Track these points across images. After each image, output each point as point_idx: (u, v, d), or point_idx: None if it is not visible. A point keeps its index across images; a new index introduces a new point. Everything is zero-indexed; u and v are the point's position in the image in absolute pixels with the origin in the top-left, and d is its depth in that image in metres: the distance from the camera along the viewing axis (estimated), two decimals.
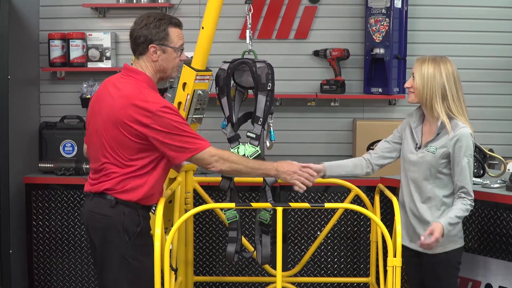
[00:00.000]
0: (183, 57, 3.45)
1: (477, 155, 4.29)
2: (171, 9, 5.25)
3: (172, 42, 3.37)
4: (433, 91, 3.62)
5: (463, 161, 3.60)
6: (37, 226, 4.97)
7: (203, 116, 4.30)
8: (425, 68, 3.64)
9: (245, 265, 4.98)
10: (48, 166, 4.99)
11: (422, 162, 3.68)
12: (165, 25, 3.35)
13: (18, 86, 4.90)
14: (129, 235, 3.29)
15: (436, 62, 3.65)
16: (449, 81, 3.62)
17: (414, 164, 3.73)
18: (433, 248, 3.57)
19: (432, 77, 3.62)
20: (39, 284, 5.01)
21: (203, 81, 4.23)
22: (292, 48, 5.27)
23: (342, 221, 4.91)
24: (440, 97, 3.61)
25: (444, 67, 3.63)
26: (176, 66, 3.43)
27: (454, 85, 3.64)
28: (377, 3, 5.02)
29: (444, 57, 3.70)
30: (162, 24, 3.35)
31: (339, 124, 5.30)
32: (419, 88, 3.65)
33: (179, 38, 3.40)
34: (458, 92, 3.65)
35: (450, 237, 3.65)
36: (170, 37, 3.36)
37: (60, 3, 5.30)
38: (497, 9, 5.18)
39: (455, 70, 3.66)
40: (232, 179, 3.95)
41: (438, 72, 3.62)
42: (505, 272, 3.96)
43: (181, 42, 3.41)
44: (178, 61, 3.43)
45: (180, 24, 3.43)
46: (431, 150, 3.66)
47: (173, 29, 3.37)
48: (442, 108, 3.63)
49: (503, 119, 5.24)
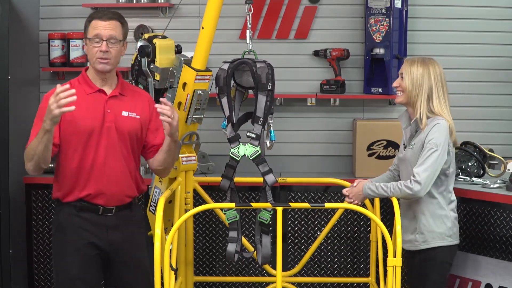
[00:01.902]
0: (103, 48, 3.51)
1: (477, 155, 4.30)
2: (171, 9, 5.24)
3: (88, 34, 3.54)
4: (420, 91, 3.73)
5: (426, 150, 3.64)
6: (37, 226, 4.97)
7: (203, 116, 4.30)
8: (415, 69, 3.74)
9: (245, 265, 4.98)
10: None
11: (405, 159, 3.78)
12: (87, 19, 3.58)
13: (18, 86, 4.90)
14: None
15: (425, 63, 3.75)
16: (437, 82, 3.74)
17: (401, 163, 3.84)
18: (353, 202, 3.83)
19: (421, 78, 3.73)
20: (39, 284, 5.01)
21: (203, 81, 4.23)
22: (292, 48, 5.27)
23: (342, 221, 4.91)
24: (426, 97, 3.72)
25: (432, 69, 3.74)
26: (94, 56, 3.53)
27: (441, 86, 3.75)
28: (377, 3, 5.02)
29: (432, 59, 3.80)
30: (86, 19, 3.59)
31: (339, 124, 5.30)
32: (407, 88, 3.73)
33: (94, 29, 3.53)
34: (444, 92, 3.75)
35: (434, 233, 3.69)
36: (88, 30, 3.55)
37: (60, 3, 5.30)
38: (497, 9, 5.17)
39: (442, 71, 3.77)
40: (233, 179, 3.95)
41: (427, 73, 3.73)
42: (505, 272, 3.96)
43: (96, 32, 3.52)
44: (95, 51, 3.52)
45: (101, 16, 3.56)
46: (410, 146, 3.73)
47: (92, 22, 3.55)
48: (424, 107, 3.71)
49: (503, 119, 5.23)
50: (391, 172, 4.02)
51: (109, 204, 3.56)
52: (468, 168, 4.28)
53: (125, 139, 3.56)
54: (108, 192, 3.54)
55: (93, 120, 3.50)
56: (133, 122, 3.59)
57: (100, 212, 3.55)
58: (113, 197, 3.56)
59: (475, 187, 4.16)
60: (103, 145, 3.52)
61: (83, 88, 3.57)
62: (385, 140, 4.95)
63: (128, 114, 3.59)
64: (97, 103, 3.55)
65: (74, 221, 3.54)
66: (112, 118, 3.55)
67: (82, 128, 3.47)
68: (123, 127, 3.56)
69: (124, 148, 3.56)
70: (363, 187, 3.80)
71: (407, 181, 3.65)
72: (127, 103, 3.62)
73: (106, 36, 3.50)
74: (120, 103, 3.60)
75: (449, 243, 3.74)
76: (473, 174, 4.29)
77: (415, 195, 3.63)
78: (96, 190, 3.51)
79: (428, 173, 3.61)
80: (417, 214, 3.74)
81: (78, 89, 3.46)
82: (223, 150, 4.40)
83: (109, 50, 3.51)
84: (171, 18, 4.83)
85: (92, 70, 3.60)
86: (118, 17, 3.60)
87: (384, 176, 4.04)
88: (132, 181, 3.61)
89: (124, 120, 3.57)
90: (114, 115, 3.56)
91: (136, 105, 3.64)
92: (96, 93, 3.57)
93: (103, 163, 3.52)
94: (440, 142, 3.62)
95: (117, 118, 3.56)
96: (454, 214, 3.78)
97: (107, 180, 3.53)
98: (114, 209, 3.57)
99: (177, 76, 4.21)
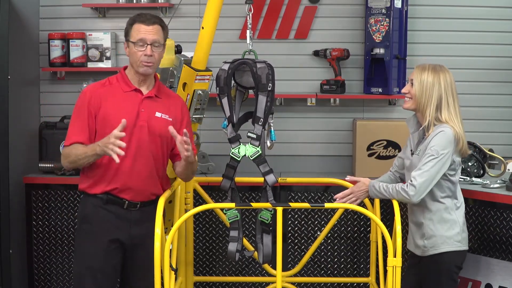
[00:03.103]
0: (148, 52, 3.59)
1: (477, 155, 4.30)
2: (171, 9, 5.24)
3: (131, 37, 3.61)
4: (430, 99, 3.67)
5: (426, 156, 3.62)
6: (37, 226, 4.96)
7: (203, 116, 4.30)
8: (425, 76, 3.69)
9: (245, 265, 4.98)
10: (48, 166, 4.99)
11: (412, 166, 3.73)
12: (129, 22, 3.65)
13: (18, 86, 4.90)
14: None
15: (436, 71, 3.70)
16: (447, 91, 3.69)
17: (408, 169, 3.79)
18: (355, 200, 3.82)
19: (431, 86, 3.67)
20: (39, 284, 5.01)
21: (203, 81, 4.23)
22: (292, 48, 5.27)
23: (342, 221, 4.91)
24: (435, 105, 3.67)
25: (443, 77, 3.69)
26: (138, 60, 3.61)
27: (451, 95, 3.70)
28: (377, 3, 5.02)
29: (443, 66, 3.76)
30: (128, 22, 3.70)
31: (339, 124, 5.30)
32: (417, 95, 3.70)
33: (138, 33, 3.60)
34: (454, 101, 3.71)
35: (443, 237, 3.67)
36: (130, 33, 3.63)
37: (60, 3, 5.30)
38: (497, 9, 5.17)
39: (453, 80, 3.73)
40: (233, 179, 3.95)
41: (437, 81, 3.68)
42: (505, 272, 3.96)
43: (140, 36, 3.58)
44: (140, 54, 3.60)
45: (144, 20, 3.62)
46: (417, 152, 3.71)
47: (135, 25, 3.61)
48: (433, 114, 3.67)
49: (503, 119, 5.24)
50: (392, 174, 4.01)
51: (135, 199, 3.66)
52: (468, 168, 4.28)
53: (155, 139, 3.66)
54: (135, 187, 3.64)
55: (127, 117, 3.55)
56: (165, 124, 3.66)
57: (125, 206, 3.64)
58: (139, 193, 3.66)
59: (475, 187, 4.16)
60: (134, 143, 3.61)
61: (121, 86, 3.68)
62: (385, 140, 4.95)
63: (162, 116, 3.69)
64: (132, 102, 3.65)
65: (100, 213, 3.64)
66: (146, 118, 3.64)
67: (115, 124, 3.51)
68: (155, 127, 3.65)
69: (154, 148, 3.66)
70: (369, 184, 3.79)
71: (405, 184, 3.64)
72: (162, 105, 3.71)
73: (150, 41, 3.60)
74: (155, 104, 3.69)
75: (458, 248, 3.71)
76: (473, 174, 4.29)
77: (409, 200, 3.62)
78: (123, 185, 3.61)
79: (425, 179, 3.59)
80: (424, 220, 3.72)
81: (115, 87, 3.66)
82: (223, 150, 4.40)
83: (153, 54, 3.61)
84: (171, 18, 4.83)
85: (131, 71, 3.69)
86: (160, 21, 3.68)
87: (386, 176, 4.02)
88: (158, 180, 3.71)
89: (157, 121, 3.67)
90: (148, 115, 3.65)
91: (170, 108, 3.74)
92: (133, 92, 3.67)
93: (133, 160, 3.61)
94: (441, 149, 3.59)
95: (151, 118, 3.66)
96: (462, 219, 3.76)
97: (134, 177, 3.63)
98: (139, 205, 3.67)
99: (177, 76, 4.21)
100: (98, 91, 3.66)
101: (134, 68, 3.67)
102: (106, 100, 3.64)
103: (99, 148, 3.48)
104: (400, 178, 3.97)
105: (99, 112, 3.61)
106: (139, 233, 3.68)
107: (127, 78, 3.70)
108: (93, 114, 3.63)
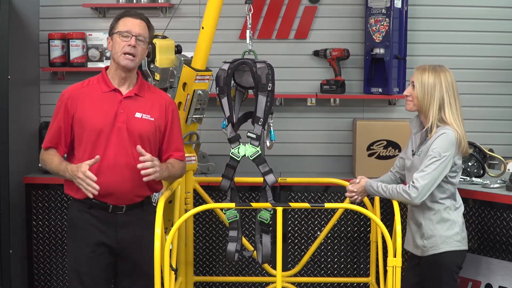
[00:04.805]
0: (132, 42, 3.53)
1: (477, 155, 4.30)
2: (171, 9, 5.24)
3: (117, 29, 3.55)
4: (432, 100, 3.67)
5: (428, 158, 3.62)
6: (37, 226, 4.96)
7: (203, 116, 4.31)
8: (426, 78, 3.68)
9: (245, 265, 4.98)
10: None
11: (413, 167, 3.73)
12: (116, 17, 3.59)
13: (18, 86, 4.90)
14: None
15: (436, 72, 3.69)
16: (448, 91, 3.68)
17: (409, 170, 3.79)
18: (355, 200, 3.86)
19: (433, 86, 3.67)
20: (39, 284, 5.01)
21: (203, 81, 4.23)
22: (292, 48, 5.27)
23: (342, 221, 4.91)
24: (437, 106, 3.66)
25: (444, 77, 3.68)
26: (121, 51, 3.54)
27: (453, 95, 3.70)
28: (377, 3, 5.02)
29: (444, 67, 3.75)
30: (114, 18, 3.61)
31: (339, 124, 5.30)
32: (419, 97, 3.69)
33: (125, 25, 3.55)
34: (456, 101, 3.70)
35: (442, 237, 3.68)
36: (116, 26, 3.57)
37: (60, 3, 5.30)
38: (497, 9, 5.17)
39: (454, 79, 3.72)
40: (233, 179, 3.95)
41: (438, 82, 3.67)
42: (505, 272, 3.96)
43: (127, 28, 3.54)
44: (123, 44, 3.53)
45: (132, 14, 3.59)
46: (418, 153, 3.70)
47: (122, 19, 3.57)
48: (436, 115, 3.66)
49: (503, 119, 5.24)
50: (393, 174, 4.01)
51: (118, 203, 3.57)
52: (468, 168, 4.28)
53: (135, 141, 3.54)
54: (117, 192, 3.54)
55: (104, 119, 3.51)
56: (145, 124, 3.58)
57: (110, 210, 3.57)
58: (123, 197, 3.57)
59: (475, 187, 4.16)
60: (113, 145, 3.52)
61: (100, 86, 3.60)
62: (385, 140, 4.95)
63: (142, 116, 3.59)
64: (111, 103, 3.56)
65: (84, 217, 3.59)
66: (124, 119, 3.54)
67: (91, 126, 3.49)
68: (134, 128, 3.55)
69: (135, 150, 3.51)
70: (365, 183, 3.79)
71: (406, 185, 3.64)
72: (143, 104, 3.61)
73: (136, 33, 3.54)
74: (135, 104, 3.59)
75: (458, 247, 3.71)
76: (473, 174, 4.29)
77: (411, 201, 3.61)
78: (104, 189, 3.49)
79: (427, 181, 3.59)
80: (423, 220, 3.72)
81: (95, 87, 3.58)
82: (223, 150, 4.40)
83: (137, 47, 3.53)
84: (171, 18, 4.83)
85: (112, 69, 3.61)
86: (147, 20, 3.64)
87: (387, 177, 4.02)
88: (143, 182, 3.53)
89: (137, 122, 3.57)
90: (127, 116, 3.56)
91: (153, 107, 3.63)
92: (112, 92, 3.58)
93: (113, 163, 3.51)
94: (443, 151, 3.59)
95: (129, 119, 3.56)
96: (461, 219, 3.76)
97: (116, 180, 3.52)
98: (125, 208, 3.59)
99: (177, 76, 4.22)
100: (76, 92, 3.58)
101: (115, 62, 3.56)
102: (84, 101, 3.54)
103: (68, 174, 3.46)
104: (401, 179, 3.97)
105: (75, 114, 3.52)
106: (128, 236, 3.59)
107: (107, 78, 3.60)
108: (69, 116, 3.54)
